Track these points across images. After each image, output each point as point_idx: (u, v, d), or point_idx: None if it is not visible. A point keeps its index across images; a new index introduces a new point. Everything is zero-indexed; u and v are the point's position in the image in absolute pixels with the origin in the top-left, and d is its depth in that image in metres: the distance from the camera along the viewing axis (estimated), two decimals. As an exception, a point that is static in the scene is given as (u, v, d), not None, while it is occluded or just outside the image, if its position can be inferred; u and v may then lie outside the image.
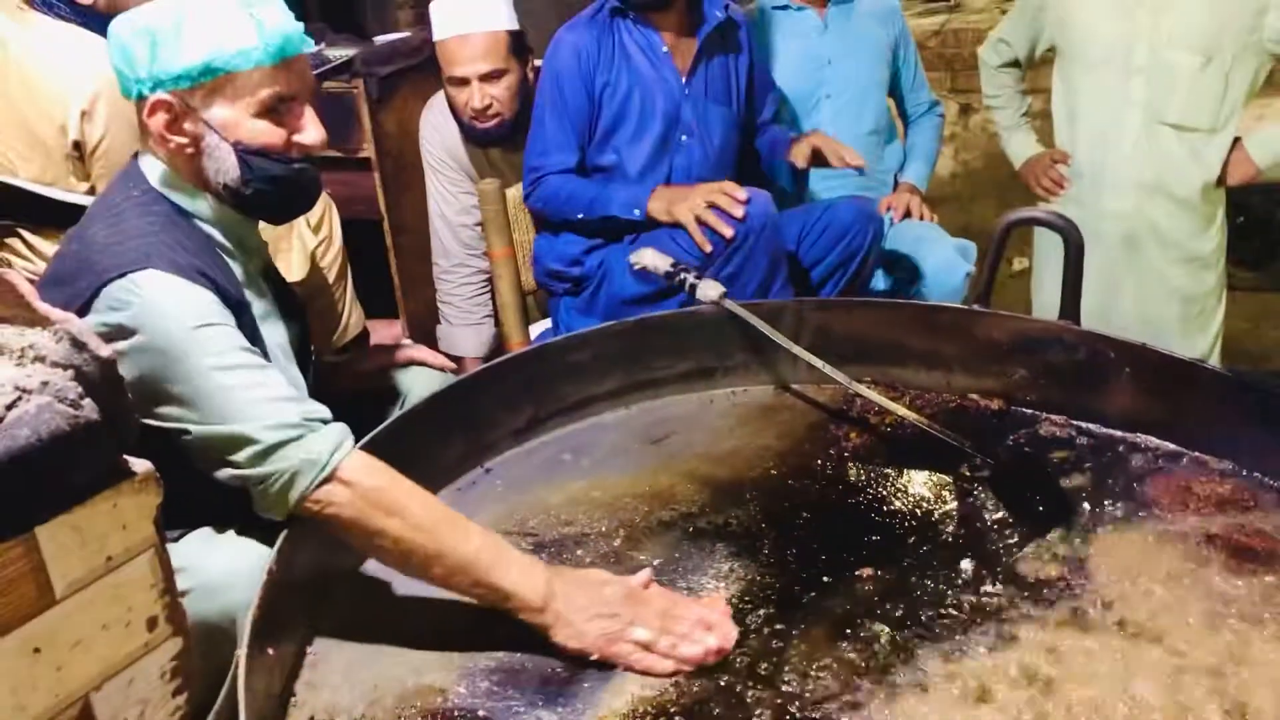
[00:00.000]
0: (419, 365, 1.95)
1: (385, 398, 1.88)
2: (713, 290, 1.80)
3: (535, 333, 2.58)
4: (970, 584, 1.35)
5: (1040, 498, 1.52)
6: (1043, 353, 1.70)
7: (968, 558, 1.40)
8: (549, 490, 1.59)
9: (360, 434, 1.39)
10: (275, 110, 1.48)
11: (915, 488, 1.56)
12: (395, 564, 1.34)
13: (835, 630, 1.28)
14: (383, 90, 3.06)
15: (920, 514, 1.49)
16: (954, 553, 1.41)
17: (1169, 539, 1.41)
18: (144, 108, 1.45)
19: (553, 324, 2.53)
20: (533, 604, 1.28)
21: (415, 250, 3.14)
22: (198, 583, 1.43)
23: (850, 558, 1.41)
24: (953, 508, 1.51)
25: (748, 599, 1.34)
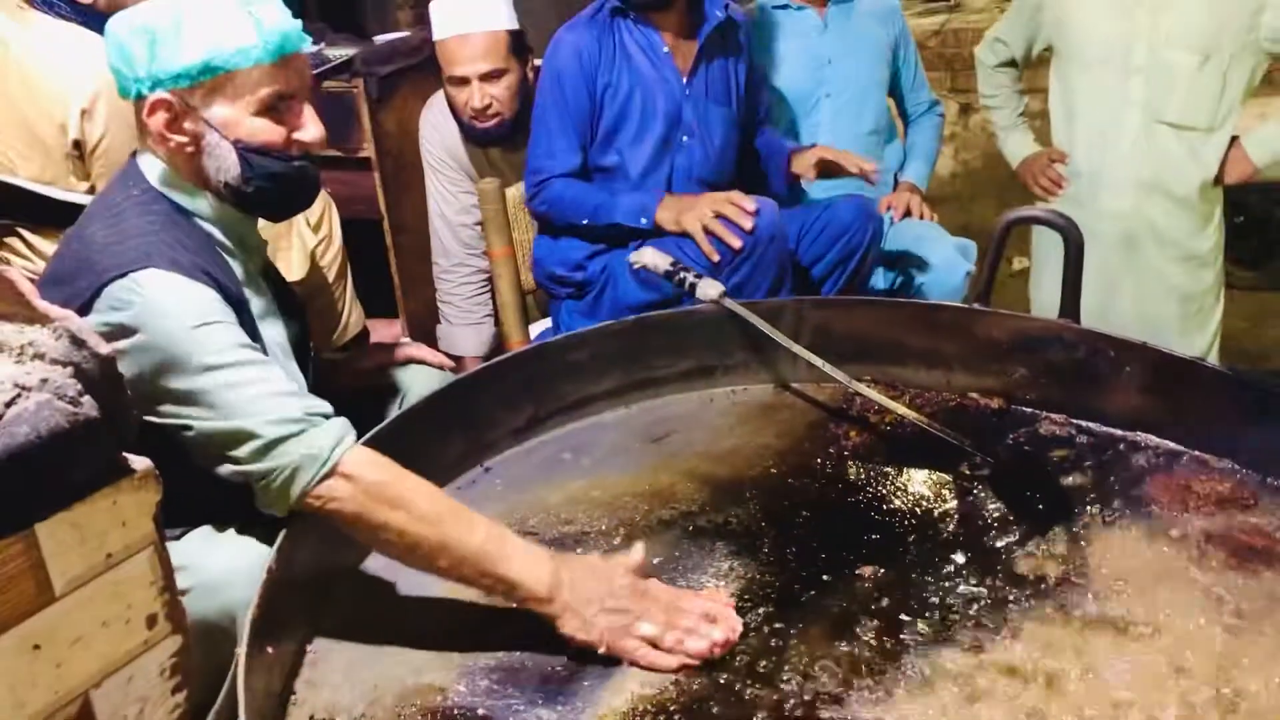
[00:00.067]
0: (418, 364, 1.96)
1: (384, 396, 1.89)
2: (712, 289, 1.80)
3: (535, 332, 2.58)
4: (970, 582, 1.34)
5: (1040, 496, 1.52)
6: (1043, 351, 1.70)
7: (967, 556, 1.40)
8: (549, 489, 1.59)
9: (360, 432, 1.39)
10: (275, 108, 1.48)
11: (915, 486, 1.56)
12: (401, 557, 1.33)
13: (835, 629, 1.28)
14: (383, 90, 3.06)
15: (920, 513, 1.49)
16: (954, 551, 1.41)
17: (1168, 538, 1.41)
18: (143, 107, 1.46)
19: (553, 325, 2.52)
20: (539, 594, 1.27)
21: (415, 250, 3.15)
22: (198, 581, 1.44)
23: (850, 556, 1.40)
24: (952, 506, 1.51)
25: (747, 597, 1.34)
